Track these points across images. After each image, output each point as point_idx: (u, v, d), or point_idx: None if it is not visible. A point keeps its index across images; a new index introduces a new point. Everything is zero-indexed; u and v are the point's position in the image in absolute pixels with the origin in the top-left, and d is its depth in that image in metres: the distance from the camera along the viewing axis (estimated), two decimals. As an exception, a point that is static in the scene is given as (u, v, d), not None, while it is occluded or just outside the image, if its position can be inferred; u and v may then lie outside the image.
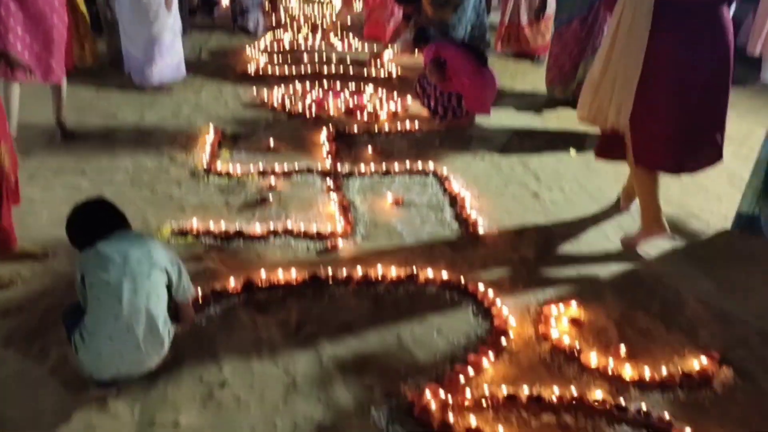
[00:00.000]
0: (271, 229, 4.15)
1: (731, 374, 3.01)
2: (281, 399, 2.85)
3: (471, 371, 2.97)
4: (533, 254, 4.05)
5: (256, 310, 3.42)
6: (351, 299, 3.54)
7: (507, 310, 3.40)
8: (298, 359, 3.09)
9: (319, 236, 4.14)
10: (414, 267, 3.76)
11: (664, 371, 2.98)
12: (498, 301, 3.47)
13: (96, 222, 2.86)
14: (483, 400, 2.81)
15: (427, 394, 2.81)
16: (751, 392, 2.93)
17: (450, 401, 2.79)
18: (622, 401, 2.79)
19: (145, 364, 2.81)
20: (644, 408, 2.75)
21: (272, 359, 3.09)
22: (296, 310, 3.43)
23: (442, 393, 2.83)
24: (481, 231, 4.25)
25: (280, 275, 3.63)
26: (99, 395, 2.79)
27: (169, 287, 2.87)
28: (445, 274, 3.72)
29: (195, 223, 4.16)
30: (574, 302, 3.49)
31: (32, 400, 2.78)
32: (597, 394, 2.83)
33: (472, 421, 2.69)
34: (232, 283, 3.55)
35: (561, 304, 3.46)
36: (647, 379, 2.95)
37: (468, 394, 2.84)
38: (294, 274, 3.64)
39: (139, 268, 2.74)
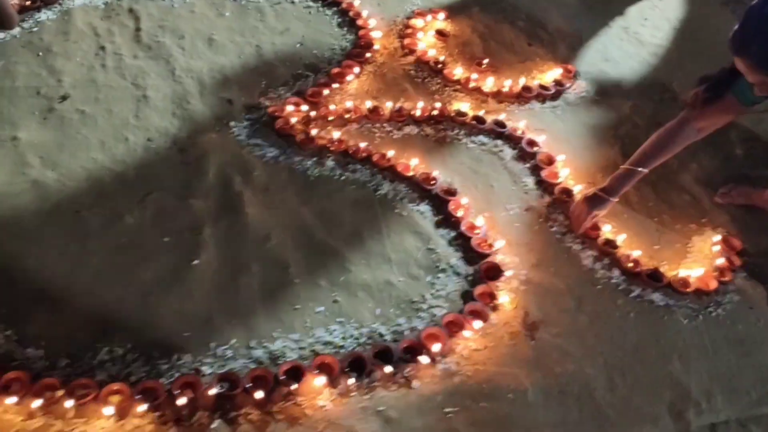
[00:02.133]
0: None
1: (585, 86, 3.12)
2: (131, 113, 2.67)
3: (334, 84, 2.88)
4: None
5: (94, 16, 3.04)
6: (204, 6, 3.21)
7: (373, 21, 3.23)
8: (148, 71, 2.84)
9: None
10: (274, -29, 3.42)
11: (522, 83, 3.03)
12: (364, 12, 3.27)
13: None
14: (346, 114, 2.77)
15: (289, 107, 2.73)
16: (600, 103, 3.07)
17: (312, 114, 2.73)
18: (481, 113, 2.84)
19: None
20: (501, 119, 2.83)
21: (118, 71, 2.83)
22: (142, 15, 3.08)
23: (304, 106, 2.75)
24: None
25: (121, -24, 3.19)
26: None
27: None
28: (308, -19, 3.41)
29: None
30: (441, 14, 3.37)
31: None
32: (458, 107, 2.86)
33: (335, 134, 2.67)
34: (63, -15, 3.08)
35: (428, 16, 3.33)
36: (507, 91, 2.99)
37: (331, 107, 2.78)
38: (137, -25, 3.21)
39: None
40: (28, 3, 2.99)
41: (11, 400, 1.79)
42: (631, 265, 2.35)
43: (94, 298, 2.07)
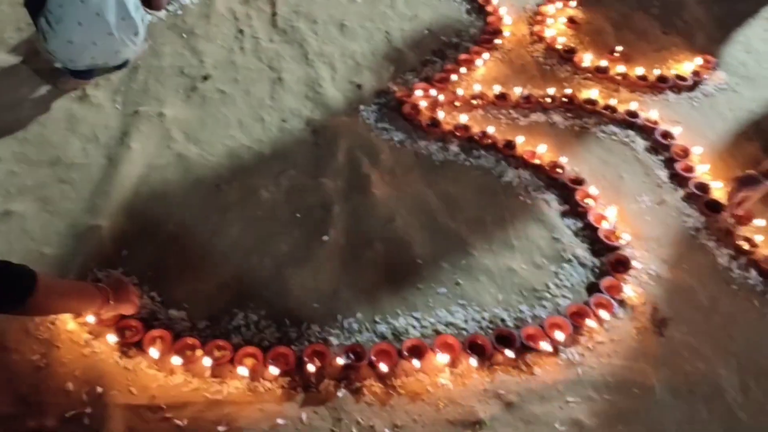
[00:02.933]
0: None
1: (725, 77, 2.97)
2: (267, 94, 2.79)
3: (462, 70, 2.89)
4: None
5: (234, 1, 3.20)
6: (337, -6, 3.30)
7: (503, 8, 3.21)
8: (283, 54, 2.96)
9: None
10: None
11: (657, 73, 2.92)
12: (494, -1, 3.26)
13: None
14: (473, 99, 2.77)
15: (417, 92, 2.76)
16: (740, 95, 2.90)
17: (440, 99, 2.76)
18: (612, 102, 2.77)
19: (120, 53, 2.66)
20: (633, 109, 2.74)
21: (256, 53, 2.96)
22: (278, 1, 3.22)
23: (431, 91, 2.78)
24: None
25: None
26: (76, 86, 2.70)
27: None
28: (438, -32, 3.43)
29: None
30: (573, 1, 3.29)
31: (9, 90, 2.69)
32: (588, 95, 2.80)
33: (462, 119, 2.68)
34: (207, -30, 3.26)
35: (559, 3, 3.27)
36: (640, 80, 2.89)
37: (458, 92, 2.79)
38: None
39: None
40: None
41: (155, 354, 1.93)
42: (770, 266, 2.23)
43: (232, 266, 2.19)
